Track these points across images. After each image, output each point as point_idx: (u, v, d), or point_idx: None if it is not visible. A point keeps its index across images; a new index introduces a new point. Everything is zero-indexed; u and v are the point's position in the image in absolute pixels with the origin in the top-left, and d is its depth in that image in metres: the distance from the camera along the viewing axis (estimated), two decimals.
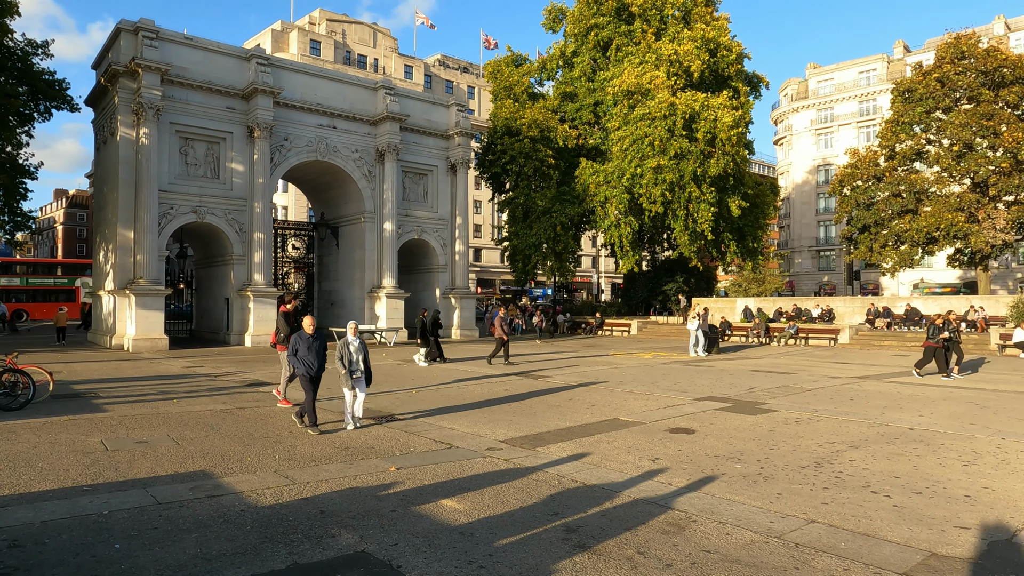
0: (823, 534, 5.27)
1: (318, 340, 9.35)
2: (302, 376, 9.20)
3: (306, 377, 9.17)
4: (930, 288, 56.69)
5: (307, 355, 9.19)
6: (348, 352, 9.30)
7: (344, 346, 9.33)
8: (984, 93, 33.92)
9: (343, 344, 9.34)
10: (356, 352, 9.36)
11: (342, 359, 9.26)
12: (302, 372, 9.16)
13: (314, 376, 9.21)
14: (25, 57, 27.47)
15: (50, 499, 6.08)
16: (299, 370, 9.18)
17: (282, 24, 60.55)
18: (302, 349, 9.20)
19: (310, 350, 9.22)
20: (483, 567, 4.57)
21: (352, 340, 9.37)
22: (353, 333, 9.47)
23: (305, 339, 9.23)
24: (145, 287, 24.27)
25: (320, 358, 9.30)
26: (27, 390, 10.98)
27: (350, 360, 9.29)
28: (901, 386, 14.62)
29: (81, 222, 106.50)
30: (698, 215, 32.96)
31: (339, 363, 9.27)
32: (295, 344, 9.22)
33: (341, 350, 9.27)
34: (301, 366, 9.17)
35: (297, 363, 9.18)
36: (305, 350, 9.19)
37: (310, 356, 9.21)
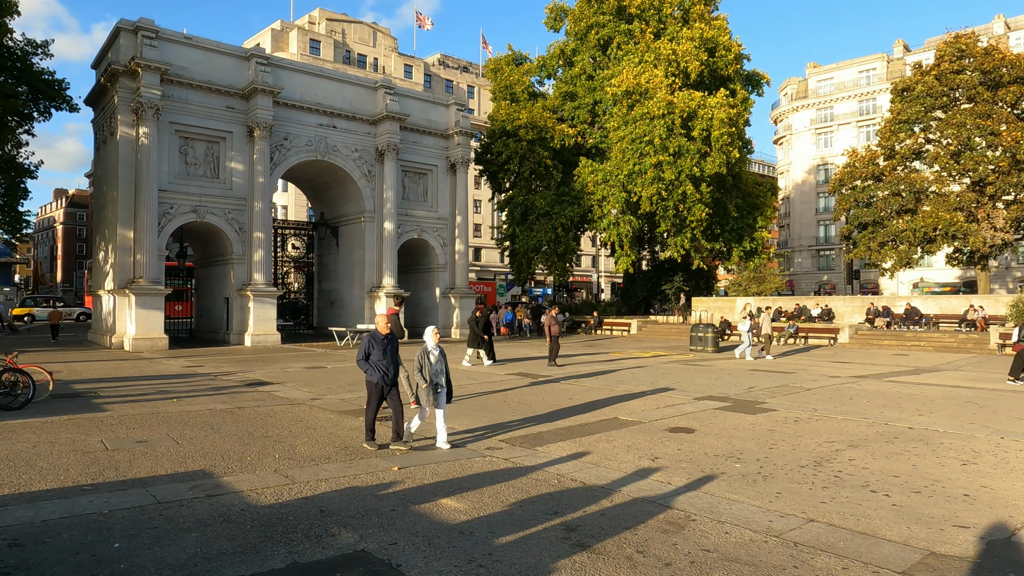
0: (822, 533, 5.28)
1: (392, 343, 8.31)
2: (373, 384, 8.12)
3: (378, 386, 8.10)
4: (930, 287, 56.70)
5: (381, 360, 8.10)
6: (428, 362, 8.06)
7: (423, 355, 8.07)
8: (983, 92, 33.93)
9: (422, 353, 8.08)
10: (438, 362, 8.15)
11: (421, 370, 8.03)
12: (375, 380, 8.07)
13: (389, 384, 8.15)
14: (25, 57, 27.48)
15: (50, 498, 6.08)
16: (371, 377, 8.10)
17: (282, 24, 60.52)
18: (375, 353, 8.10)
19: (384, 354, 8.14)
20: (483, 566, 4.58)
21: (433, 348, 8.16)
22: (435, 340, 8.24)
23: (379, 341, 8.14)
24: (145, 287, 24.27)
25: (395, 363, 8.29)
26: (27, 390, 10.98)
27: (432, 371, 8.07)
28: (901, 385, 14.63)
29: (81, 221, 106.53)
30: (690, 215, 33.00)
31: (417, 375, 8.04)
32: (367, 347, 8.14)
33: (420, 360, 8.05)
34: (375, 373, 8.08)
35: (370, 369, 8.10)
36: (379, 354, 8.11)
37: (385, 361, 8.11)
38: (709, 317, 32.99)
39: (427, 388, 7.96)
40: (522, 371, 17.40)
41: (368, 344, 8.14)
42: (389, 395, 8.19)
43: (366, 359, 8.13)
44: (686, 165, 32.28)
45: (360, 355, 8.17)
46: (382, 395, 8.15)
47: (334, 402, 11.96)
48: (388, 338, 8.27)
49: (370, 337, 8.20)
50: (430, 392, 8.00)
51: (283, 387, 14.02)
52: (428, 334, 8.28)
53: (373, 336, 8.21)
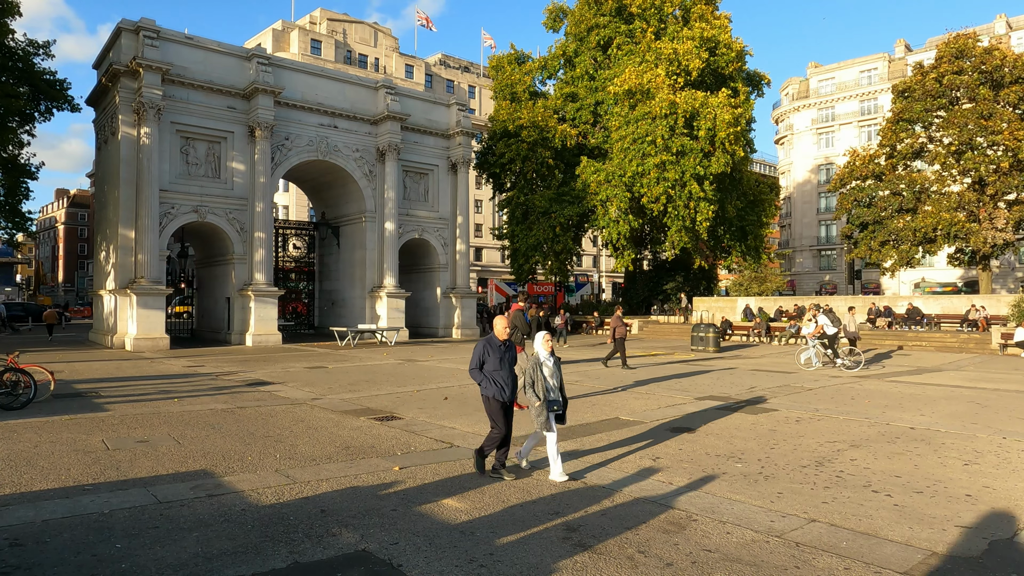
0: (824, 533, 5.27)
1: (510, 351, 6.99)
2: (490, 399, 6.80)
3: (495, 401, 6.75)
4: (931, 287, 56.63)
5: (498, 370, 6.80)
6: (542, 375, 6.73)
7: (536, 367, 6.77)
8: (984, 92, 33.88)
9: (535, 365, 6.80)
10: (552, 375, 6.82)
11: (534, 385, 6.73)
12: (491, 394, 6.76)
13: (507, 400, 6.82)
14: (26, 57, 27.50)
15: (51, 498, 6.08)
16: (487, 391, 6.80)
17: (283, 23, 60.55)
18: (491, 361, 6.81)
19: (502, 364, 6.84)
20: (484, 566, 4.57)
21: (546, 359, 6.85)
22: (548, 349, 6.92)
23: (496, 348, 6.86)
24: (146, 287, 24.29)
25: (514, 375, 6.95)
26: (28, 389, 10.99)
27: (545, 387, 6.72)
28: (902, 385, 14.61)
29: (82, 221, 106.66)
30: (697, 214, 32.96)
31: (529, 391, 6.76)
32: (482, 354, 6.84)
33: (532, 372, 6.75)
34: (491, 386, 6.77)
35: (485, 382, 6.80)
36: (496, 363, 6.81)
37: (502, 372, 6.81)
38: (710, 317, 32.97)
39: (541, 406, 6.63)
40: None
41: (483, 351, 6.86)
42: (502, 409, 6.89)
43: (480, 368, 6.87)
44: (690, 165, 32.27)
45: (473, 363, 6.89)
46: (505, 412, 6.81)
47: (335, 402, 11.96)
48: (506, 345, 6.93)
49: (485, 343, 6.92)
50: (544, 411, 6.66)
51: (284, 387, 14.02)
52: (539, 342, 6.95)
53: (489, 342, 6.92)
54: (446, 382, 15.00)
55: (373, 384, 14.49)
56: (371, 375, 16.30)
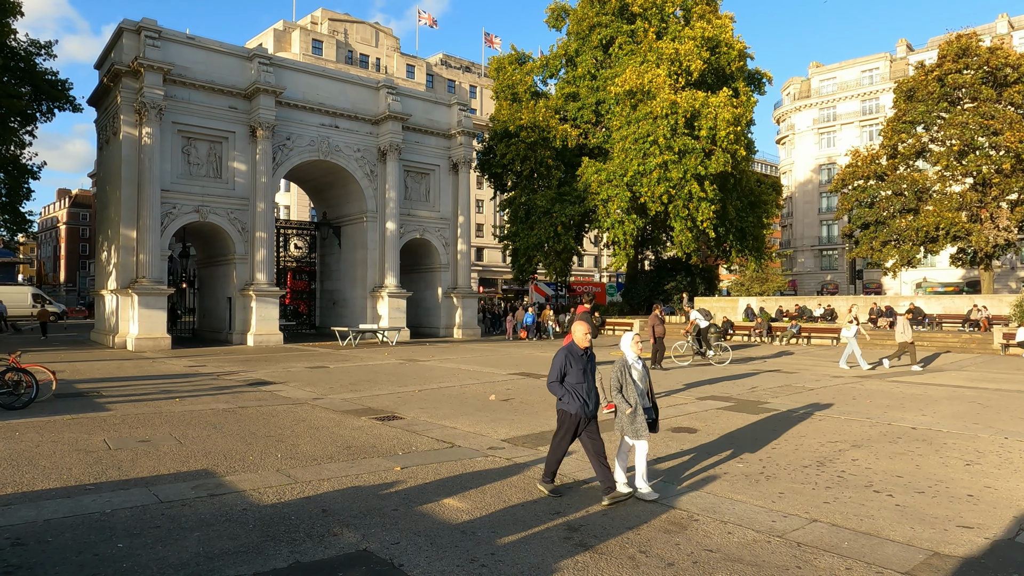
0: (825, 533, 5.27)
1: (591, 360, 6.37)
2: (570, 415, 6.15)
3: (575, 418, 6.12)
4: (933, 287, 56.59)
5: (581, 383, 6.13)
6: (630, 379, 6.25)
7: (623, 370, 6.28)
8: (986, 92, 33.84)
9: (622, 368, 6.29)
10: (641, 379, 6.34)
11: (622, 390, 6.22)
12: (573, 410, 6.09)
13: (589, 416, 6.17)
14: (28, 57, 27.53)
15: (53, 498, 6.09)
16: (569, 406, 6.12)
17: (284, 24, 60.60)
18: (574, 373, 6.14)
19: (585, 375, 6.18)
20: (485, 566, 4.58)
21: (634, 362, 6.37)
22: (637, 351, 6.43)
23: (578, 358, 6.22)
24: (147, 287, 24.30)
25: (596, 389, 6.35)
26: (30, 389, 11.00)
27: (638, 392, 6.24)
28: (904, 385, 14.59)
29: (84, 221, 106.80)
30: (699, 214, 32.93)
31: (616, 396, 6.23)
32: (563, 364, 6.18)
33: (620, 376, 6.26)
34: (572, 400, 6.07)
35: (566, 396, 6.11)
36: (579, 375, 6.14)
37: (585, 385, 6.14)
38: (712, 317, 32.89)
39: (632, 413, 6.13)
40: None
41: (564, 361, 6.17)
42: (587, 429, 6.17)
43: (561, 381, 6.17)
44: (691, 164, 32.25)
45: (553, 375, 6.20)
46: (578, 429, 6.15)
47: (336, 402, 11.97)
48: (588, 354, 6.30)
49: (566, 352, 6.22)
50: (636, 419, 6.16)
51: (285, 387, 14.03)
52: (627, 343, 6.43)
53: (570, 351, 6.23)
54: (447, 382, 15.00)
55: (374, 384, 14.50)
56: (372, 375, 16.31)
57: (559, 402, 6.26)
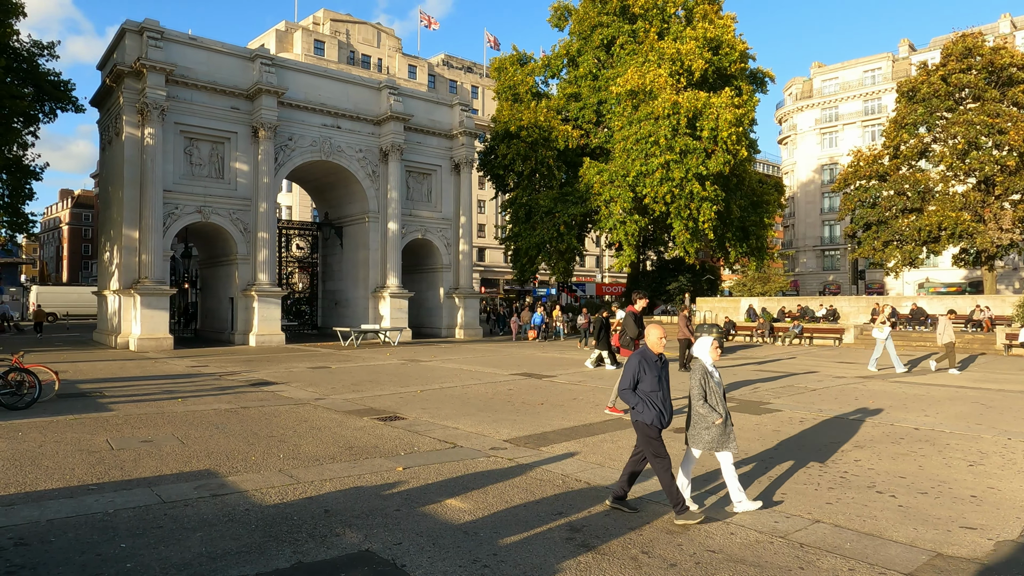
0: (828, 534, 5.26)
1: (665, 367, 5.89)
2: (647, 425, 5.59)
3: (653, 428, 5.58)
4: (935, 288, 56.50)
5: (656, 391, 5.64)
6: (713, 386, 5.73)
7: (704, 377, 5.73)
8: (990, 92, 33.77)
9: (702, 374, 5.73)
10: (720, 386, 5.83)
11: (705, 398, 5.68)
12: (650, 420, 5.56)
13: (665, 426, 5.67)
14: (31, 58, 27.55)
15: (56, 498, 6.10)
16: (644, 416, 5.59)
17: (286, 24, 60.64)
18: (648, 380, 5.67)
19: (660, 383, 5.70)
20: (487, 566, 4.57)
21: (712, 369, 5.84)
22: (716, 356, 5.91)
23: (652, 364, 5.74)
24: (150, 287, 24.33)
25: (670, 397, 5.81)
26: (33, 389, 11.02)
27: (720, 399, 5.73)
28: (907, 386, 14.56)
29: (86, 222, 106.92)
30: (701, 214, 32.91)
31: (702, 405, 5.68)
32: (636, 371, 5.71)
33: (702, 383, 5.71)
34: (649, 410, 5.58)
35: (640, 404, 5.62)
36: (653, 382, 5.66)
37: (660, 393, 5.66)
38: (714, 317, 32.93)
39: (722, 424, 5.64)
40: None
41: (638, 367, 5.72)
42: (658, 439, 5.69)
43: (634, 388, 5.69)
44: (693, 164, 32.23)
45: (626, 382, 5.71)
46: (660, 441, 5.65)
47: (338, 402, 11.97)
48: (662, 360, 5.84)
49: (640, 357, 5.78)
50: (725, 428, 5.66)
51: (288, 387, 14.04)
52: (705, 348, 5.92)
53: (644, 356, 5.79)
54: (449, 382, 15.01)
55: (376, 384, 14.50)
56: (374, 375, 16.31)
57: (632, 411, 5.73)
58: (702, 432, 5.69)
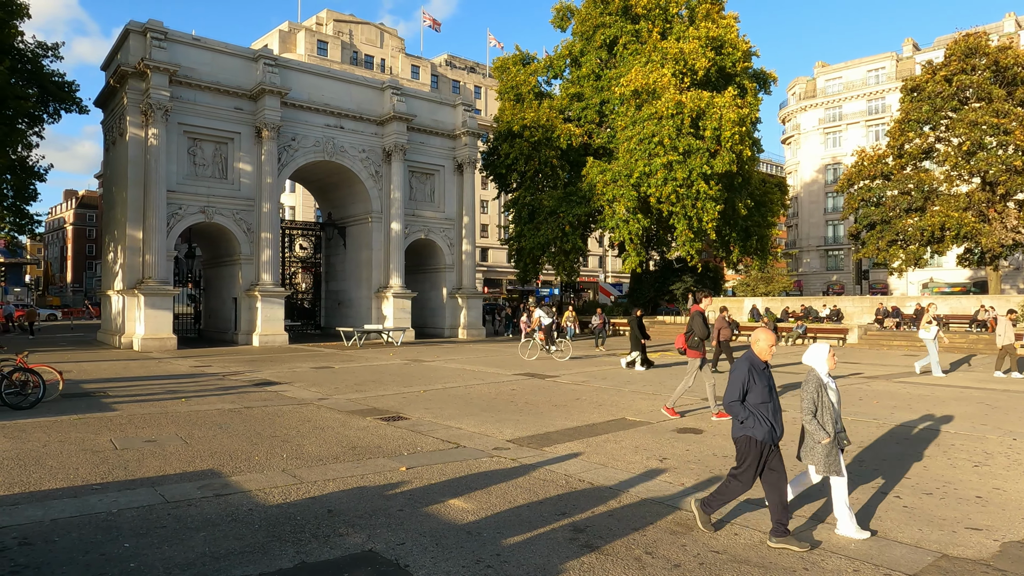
0: (832, 535, 5.23)
1: (771, 376, 5.31)
2: (756, 442, 5.04)
3: (762, 445, 5.04)
4: (939, 288, 56.32)
5: (766, 403, 5.10)
6: (828, 401, 5.15)
7: (818, 389, 5.16)
8: (995, 91, 33.64)
9: (816, 386, 5.16)
10: (837, 403, 5.25)
11: (816, 414, 5.12)
12: (760, 436, 5.01)
13: (776, 442, 5.11)
14: (35, 59, 27.63)
15: (60, 497, 6.11)
16: (754, 431, 5.03)
17: (289, 25, 60.73)
18: (757, 391, 5.11)
19: (770, 395, 5.15)
20: (490, 567, 4.57)
21: (829, 381, 5.25)
22: (832, 365, 5.29)
23: (760, 373, 5.18)
24: (154, 287, 24.38)
25: (780, 410, 5.24)
26: (37, 389, 11.05)
27: (835, 415, 5.16)
28: (911, 386, 14.51)
29: (90, 222, 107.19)
30: (704, 214, 32.86)
31: (806, 419, 5.15)
32: (744, 379, 5.14)
33: (815, 396, 5.14)
34: (760, 425, 5.02)
35: (751, 419, 5.06)
36: (763, 392, 5.11)
37: (771, 405, 5.12)
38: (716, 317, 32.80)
39: (832, 442, 5.08)
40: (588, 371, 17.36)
41: (747, 376, 5.14)
42: (770, 458, 5.09)
43: (742, 400, 5.13)
44: (696, 164, 32.19)
45: (734, 394, 5.14)
46: (763, 459, 5.07)
47: (341, 402, 11.98)
48: (767, 368, 5.27)
49: (748, 365, 5.21)
50: (834, 448, 5.11)
51: (291, 387, 14.05)
52: (820, 357, 5.26)
53: (752, 363, 5.22)
54: (452, 382, 15.00)
55: (379, 384, 14.51)
56: (377, 375, 16.32)
57: (739, 426, 5.12)
58: (818, 449, 5.12)
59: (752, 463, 5.08)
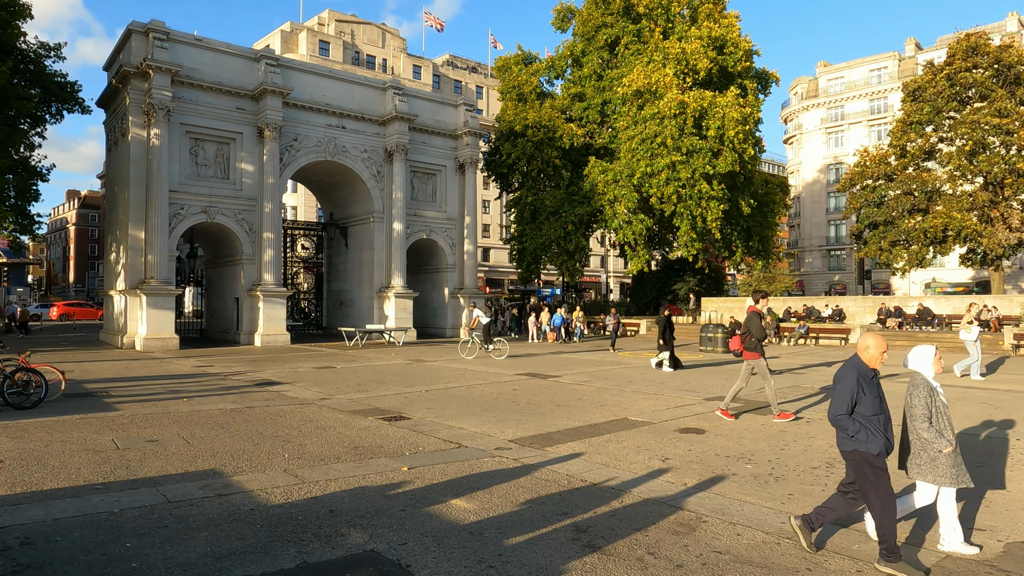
0: (836, 535, 5.22)
1: (879, 385, 4.90)
2: (873, 457, 4.63)
3: (880, 460, 4.65)
4: (942, 287, 56.21)
5: (878, 415, 4.72)
6: (940, 406, 4.88)
7: (929, 394, 4.86)
8: (998, 91, 33.58)
9: (927, 391, 4.86)
10: (946, 407, 4.93)
11: (929, 419, 4.81)
12: (877, 449, 4.62)
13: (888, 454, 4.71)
14: (38, 59, 27.66)
15: (62, 497, 6.11)
16: (868, 445, 4.62)
17: (291, 25, 60.78)
18: (868, 402, 4.73)
19: (881, 405, 4.78)
20: (492, 567, 4.56)
21: (937, 385, 4.95)
22: (939, 368, 4.96)
23: (870, 382, 4.80)
24: (156, 287, 24.41)
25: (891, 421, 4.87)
26: (39, 389, 11.06)
27: (949, 422, 4.88)
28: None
29: (93, 223, 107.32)
30: (707, 213, 32.83)
31: (922, 427, 4.79)
32: (853, 390, 4.72)
33: (928, 404, 4.83)
34: (874, 438, 4.62)
35: (863, 432, 4.64)
36: (874, 403, 4.74)
37: (882, 417, 4.75)
38: (719, 317, 32.84)
39: (953, 453, 4.78)
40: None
41: (856, 387, 4.74)
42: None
43: (850, 413, 4.72)
44: (699, 164, 32.17)
45: (843, 405, 4.71)
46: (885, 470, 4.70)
47: (343, 402, 11.98)
48: (876, 376, 4.89)
49: (857, 372, 4.79)
50: (956, 459, 4.80)
51: (293, 387, 14.05)
52: (927, 360, 4.97)
53: (860, 371, 4.81)
54: (454, 382, 15.00)
55: (381, 384, 14.51)
56: (379, 375, 16.32)
57: (849, 440, 4.71)
58: (928, 463, 4.79)
59: (885, 472, 4.71)
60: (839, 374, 4.89)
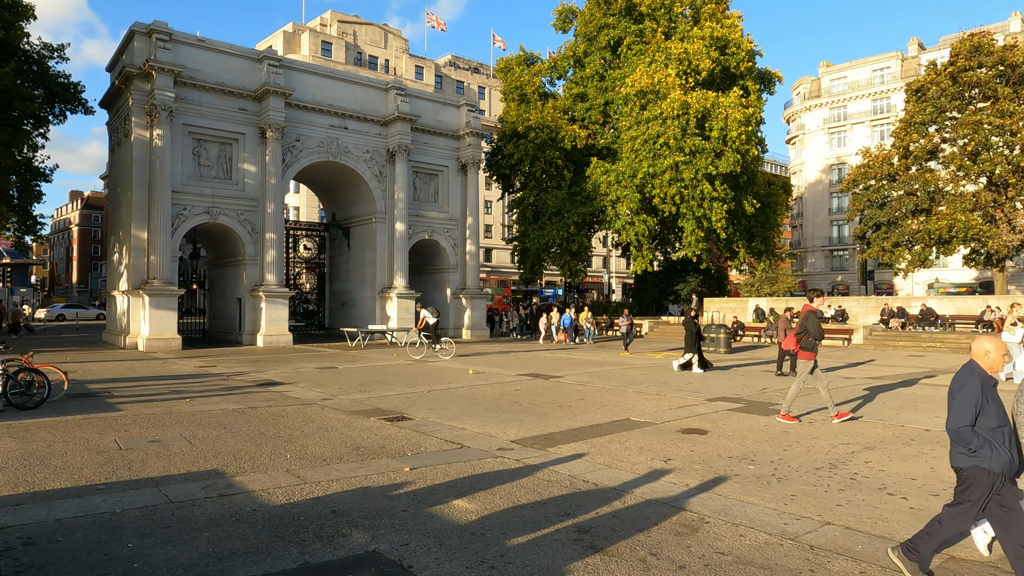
0: (839, 536, 5.20)
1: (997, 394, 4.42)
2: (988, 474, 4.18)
3: (994, 477, 4.19)
4: (945, 288, 56.10)
5: (1000, 427, 4.26)
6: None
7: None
8: (1001, 90, 33.49)
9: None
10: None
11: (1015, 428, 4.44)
12: (1000, 467, 4.16)
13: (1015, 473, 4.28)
14: (41, 60, 27.74)
15: (64, 497, 6.11)
16: (990, 461, 4.17)
17: (294, 26, 60.86)
18: (991, 413, 4.28)
19: (1003, 416, 4.31)
20: (494, 567, 4.55)
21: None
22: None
23: (991, 391, 4.35)
24: (158, 287, 24.45)
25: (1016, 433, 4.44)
26: (42, 389, 11.07)
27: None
28: (917, 387, 14.45)
29: (96, 223, 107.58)
30: (711, 214, 32.80)
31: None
32: (977, 400, 4.25)
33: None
34: (999, 454, 4.18)
35: (986, 448, 4.19)
36: (997, 415, 4.28)
37: (1006, 430, 4.29)
38: (721, 318, 32.81)
39: None
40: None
41: (980, 396, 4.26)
42: (1001, 492, 4.22)
43: (973, 426, 4.24)
44: (702, 164, 32.15)
45: (965, 416, 4.23)
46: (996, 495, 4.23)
47: (345, 402, 11.98)
48: (995, 384, 4.42)
49: (980, 381, 4.33)
50: None
51: (295, 387, 14.06)
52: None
53: (983, 379, 4.36)
54: (456, 383, 14.99)
55: (383, 385, 14.51)
56: (381, 376, 16.32)
57: (968, 455, 4.25)
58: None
59: (980, 499, 4.24)
60: (958, 382, 4.39)
